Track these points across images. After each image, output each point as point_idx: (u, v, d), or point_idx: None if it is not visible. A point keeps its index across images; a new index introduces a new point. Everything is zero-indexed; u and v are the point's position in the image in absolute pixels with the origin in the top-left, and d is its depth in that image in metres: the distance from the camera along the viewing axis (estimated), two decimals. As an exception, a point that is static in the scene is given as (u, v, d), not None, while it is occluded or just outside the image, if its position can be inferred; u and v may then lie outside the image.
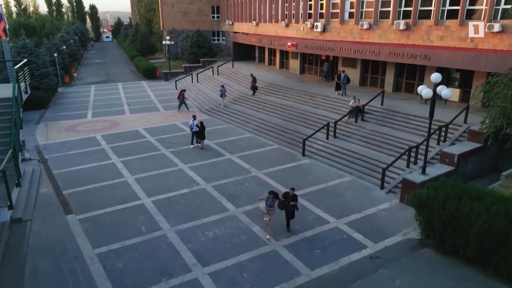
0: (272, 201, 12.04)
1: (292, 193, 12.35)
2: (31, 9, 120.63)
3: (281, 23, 35.67)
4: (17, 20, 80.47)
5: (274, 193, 12.11)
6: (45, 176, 17.74)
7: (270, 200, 12.03)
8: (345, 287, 10.21)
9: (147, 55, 61.76)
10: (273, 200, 12.05)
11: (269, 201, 12.04)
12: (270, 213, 12.22)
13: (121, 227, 13.21)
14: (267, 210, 12.14)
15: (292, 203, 12.22)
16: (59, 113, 30.23)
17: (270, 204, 12.07)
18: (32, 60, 30.62)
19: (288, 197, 12.27)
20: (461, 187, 11.18)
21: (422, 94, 13.61)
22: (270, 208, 12.12)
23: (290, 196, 12.26)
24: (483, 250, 10.19)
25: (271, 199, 12.03)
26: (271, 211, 12.21)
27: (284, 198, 12.28)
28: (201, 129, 20.59)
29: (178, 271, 10.90)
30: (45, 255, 11.70)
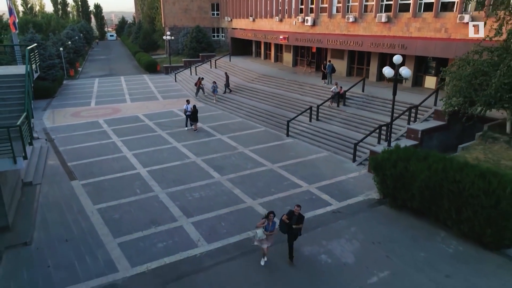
0: (273, 224, 10.01)
1: (298, 211, 10.14)
2: (37, 8, 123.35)
3: (275, 18, 37.45)
4: (24, 18, 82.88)
5: (274, 214, 10.08)
6: (52, 151, 19.65)
7: (271, 223, 9.97)
8: (307, 232, 11.96)
9: (149, 51, 63.75)
10: (274, 223, 10.04)
11: (269, 225, 9.97)
12: (270, 239, 10.20)
13: (119, 190, 15.06)
14: (266, 235, 10.02)
15: (297, 226, 10.16)
16: (64, 101, 32.22)
17: (271, 228, 9.98)
18: (39, 52, 32.54)
19: (293, 216, 10.12)
20: (410, 151, 12.92)
21: (385, 73, 15.33)
22: (271, 233, 10.05)
23: (295, 216, 10.10)
24: (424, 200, 11.93)
25: (271, 221, 9.96)
26: (271, 237, 10.21)
27: (289, 218, 10.15)
28: (194, 112, 22.42)
29: (166, 221, 12.73)
30: (53, 210, 13.57)
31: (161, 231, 12.12)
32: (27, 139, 11.16)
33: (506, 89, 14.85)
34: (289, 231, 10.25)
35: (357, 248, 11.21)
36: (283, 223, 10.21)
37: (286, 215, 10.25)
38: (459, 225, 11.23)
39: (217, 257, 10.88)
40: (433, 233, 11.83)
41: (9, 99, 12.88)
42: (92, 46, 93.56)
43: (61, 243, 11.53)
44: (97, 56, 71.73)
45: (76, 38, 62.73)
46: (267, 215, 9.99)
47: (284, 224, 10.21)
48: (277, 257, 10.71)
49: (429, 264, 10.41)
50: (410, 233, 11.87)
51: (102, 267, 10.37)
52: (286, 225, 10.17)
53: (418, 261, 10.53)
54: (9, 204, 12.38)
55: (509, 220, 10.09)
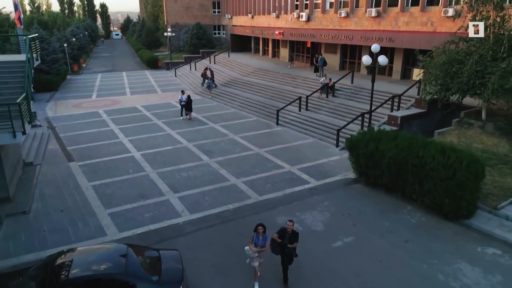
0: (263, 238, 8.67)
1: (290, 227, 8.71)
2: (44, 7, 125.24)
3: (272, 15, 38.36)
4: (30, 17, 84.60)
5: (264, 226, 8.71)
6: (53, 137, 20.76)
7: (261, 237, 8.65)
8: (284, 205, 12.93)
9: (152, 49, 64.96)
10: (264, 237, 8.68)
11: (259, 239, 8.64)
12: (261, 256, 8.87)
13: (113, 170, 16.11)
14: (257, 252, 8.65)
15: (291, 246, 8.69)
16: (67, 94, 33.44)
17: (261, 243, 8.64)
18: (43, 47, 33.81)
19: (285, 235, 8.69)
20: (382, 132, 13.84)
21: (364, 62, 16.25)
22: (262, 249, 8.67)
23: (288, 234, 8.69)
24: (392, 176, 12.83)
25: (261, 235, 8.63)
26: (263, 253, 8.83)
27: (281, 237, 8.67)
28: (188, 102, 23.44)
29: (154, 195, 13.75)
30: (51, 186, 14.65)
31: (148, 204, 13.13)
32: (26, 117, 12.20)
33: (478, 76, 15.71)
34: (282, 252, 8.80)
35: (327, 218, 12.14)
36: (274, 242, 8.72)
37: (277, 233, 8.74)
38: (422, 198, 12.13)
39: (198, 224, 11.87)
40: (401, 206, 12.73)
41: (11, 82, 13.95)
42: (97, 44, 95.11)
43: (57, 212, 12.59)
44: (101, 54, 73.13)
45: (81, 35, 64.11)
46: (255, 227, 8.67)
47: (276, 243, 8.70)
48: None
49: (392, 232, 11.32)
50: (379, 207, 12.77)
51: (92, 232, 11.40)
52: (277, 245, 8.67)
53: (382, 229, 11.44)
54: (10, 179, 13.47)
55: (464, 191, 10.97)
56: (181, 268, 8.19)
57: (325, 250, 10.52)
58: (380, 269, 9.69)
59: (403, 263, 9.90)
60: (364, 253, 10.35)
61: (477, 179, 11.07)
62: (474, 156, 11.35)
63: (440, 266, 9.73)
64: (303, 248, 10.47)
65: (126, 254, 7.95)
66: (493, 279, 9.22)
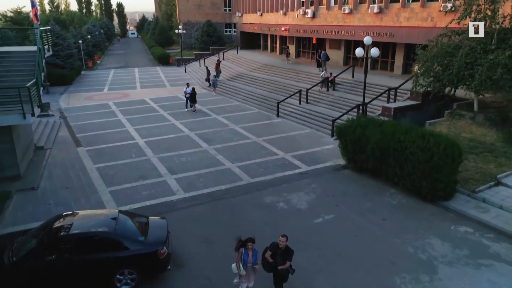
0: (254, 254, 7.61)
1: (283, 243, 7.62)
2: (63, 7, 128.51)
3: (279, 12, 39.09)
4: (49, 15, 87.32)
5: (253, 241, 7.58)
6: (64, 126, 21.97)
7: (250, 253, 7.56)
8: (273, 187, 13.69)
9: (165, 46, 66.31)
10: (254, 252, 7.63)
11: (249, 255, 7.55)
12: (251, 277, 7.81)
13: (117, 154, 17.13)
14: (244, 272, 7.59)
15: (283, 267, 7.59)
16: (80, 87, 34.86)
17: (253, 260, 7.59)
18: (58, 42, 35.32)
19: (277, 251, 7.62)
20: (369, 120, 14.46)
21: (357, 54, 16.86)
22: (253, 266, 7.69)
23: (281, 250, 7.62)
24: (376, 161, 13.45)
25: (251, 250, 7.55)
26: (253, 272, 7.78)
27: (273, 254, 7.62)
28: (192, 94, 24.39)
29: (153, 176, 14.68)
30: (58, 167, 15.74)
31: (147, 184, 14.07)
32: (35, 100, 13.27)
33: (468, 68, 16.17)
34: (274, 271, 7.79)
35: (312, 199, 12.85)
36: (265, 260, 7.73)
37: (269, 250, 7.68)
38: (403, 181, 12.72)
39: (190, 202, 12.74)
40: (384, 190, 13.33)
41: (24, 70, 15.08)
42: (113, 42, 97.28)
43: (62, 189, 13.64)
44: (116, 51, 74.98)
45: (96, 33, 65.93)
46: (243, 242, 7.56)
47: (266, 261, 7.74)
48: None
49: (371, 211, 11.96)
50: (363, 190, 13.41)
51: (93, 206, 12.36)
52: (269, 264, 7.70)
53: (363, 209, 12.09)
54: (21, 158, 14.59)
55: (440, 173, 11.53)
56: (166, 232, 9.04)
57: (306, 226, 11.24)
58: (354, 243, 10.36)
59: (377, 238, 10.55)
60: (342, 229, 11.04)
61: (453, 162, 11.61)
62: (451, 140, 11.90)
63: (412, 241, 10.35)
64: (286, 224, 11.28)
65: (117, 217, 8.85)
66: (460, 252, 9.80)
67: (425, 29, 22.90)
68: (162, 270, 8.74)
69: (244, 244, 7.58)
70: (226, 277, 8.53)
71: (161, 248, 8.50)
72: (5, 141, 13.60)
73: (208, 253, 9.98)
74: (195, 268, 9.33)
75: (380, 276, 8.97)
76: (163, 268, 8.71)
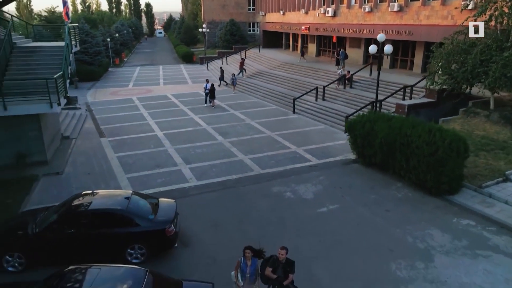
0: (253, 264, 7.05)
1: (283, 256, 6.92)
2: (94, 7, 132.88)
3: (301, 11, 39.38)
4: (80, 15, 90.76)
5: (253, 250, 7.06)
6: (90, 118, 23.18)
7: (249, 263, 7.03)
8: (282, 178, 14.17)
9: (190, 45, 67.77)
10: (254, 262, 7.07)
11: (247, 265, 7.02)
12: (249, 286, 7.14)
13: (136, 145, 18.03)
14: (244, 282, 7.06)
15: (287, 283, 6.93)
16: (107, 83, 36.35)
17: (251, 270, 7.02)
18: (87, 40, 36.95)
19: (278, 266, 6.91)
20: (379, 115, 14.70)
21: (370, 50, 17.09)
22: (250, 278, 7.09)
23: (282, 264, 6.91)
24: (384, 155, 13.69)
25: (250, 260, 7.02)
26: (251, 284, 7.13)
27: (273, 270, 6.90)
28: (211, 90, 25.15)
29: (168, 166, 15.45)
30: (82, 155, 16.78)
31: (162, 172, 14.85)
32: (61, 91, 14.26)
33: (483, 65, 16.12)
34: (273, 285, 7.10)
35: (319, 190, 13.24)
36: (262, 273, 7.07)
37: (269, 266, 6.93)
38: (409, 175, 12.93)
39: (202, 189, 13.41)
40: (391, 183, 13.56)
41: (52, 63, 16.15)
42: (140, 41, 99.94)
43: (84, 175, 14.60)
44: (143, 50, 77.12)
45: (124, 32, 68.07)
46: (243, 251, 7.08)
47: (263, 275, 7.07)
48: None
49: (376, 203, 12.25)
50: (370, 183, 13.68)
51: (111, 190, 13.22)
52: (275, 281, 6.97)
53: (367, 201, 12.39)
54: (48, 146, 15.67)
55: (444, 166, 11.69)
56: (174, 212, 9.70)
57: (310, 214, 11.66)
58: (355, 231, 10.72)
59: (378, 227, 10.86)
60: (345, 218, 11.41)
61: (458, 157, 11.74)
62: (457, 135, 12.03)
63: (412, 231, 10.60)
64: (291, 213, 11.76)
65: (129, 197, 9.59)
66: (458, 243, 10.00)
67: (445, 27, 22.71)
68: (170, 247, 9.40)
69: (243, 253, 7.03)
70: (229, 257, 9.09)
71: (169, 226, 9.16)
72: (34, 128, 14.69)
73: (214, 235, 10.57)
74: (200, 248, 9.95)
75: (376, 261, 9.31)
76: (170, 246, 9.37)
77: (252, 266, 7.05)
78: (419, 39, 24.35)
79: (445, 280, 8.62)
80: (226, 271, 8.17)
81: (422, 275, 8.82)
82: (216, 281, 7.79)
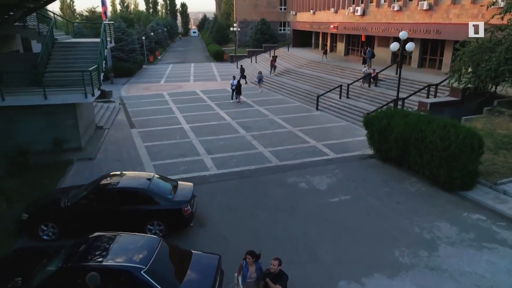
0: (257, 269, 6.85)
1: (275, 267, 6.51)
2: (132, 7, 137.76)
3: (331, 10, 39.51)
4: (118, 14, 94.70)
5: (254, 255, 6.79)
6: (122, 111, 24.58)
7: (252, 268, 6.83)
8: (298, 170, 14.68)
9: (222, 44, 69.19)
10: (258, 265, 6.87)
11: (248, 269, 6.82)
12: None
13: (163, 136, 19.09)
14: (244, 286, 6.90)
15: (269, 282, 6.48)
16: (140, 79, 38.09)
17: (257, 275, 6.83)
18: (123, 38, 38.80)
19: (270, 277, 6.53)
20: (396, 111, 14.90)
21: (391, 48, 17.26)
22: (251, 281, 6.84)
23: (273, 276, 6.52)
24: (399, 150, 13.90)
25: (252, 265, 6.82)
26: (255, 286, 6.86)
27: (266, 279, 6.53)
28: (238, 86, 25.96)
29: (191, 155, 16.34)
30: (113, 143, 18.01)
31: (185, 161, 15.75)
32: (95, 83, 15.46)
33: (508, 63, 15.93)
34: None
35: (333, 181, 13.66)
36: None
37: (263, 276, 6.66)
38: (423, 169, 13.10)
39: (221, 177, 14.17)
40: (405, 178, 13.76)
41: (88, 58, 17.46)
42: (175, 40, 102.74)
43: (114, 161, 15.75)
44: (176, 48, 79.43)
45: (160, 31, 70.41)
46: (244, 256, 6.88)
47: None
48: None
49: (388, 196, 12.53)
50: (384, 177, 13.94)
51: (137, 175, 14.23)
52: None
53: (380, 194, 12.69)
54: (83, 134, 16.96)
55: (457, 161, 11.81)
56: (191, 194, 10.48)
57: (322, 203, 12.12)
58: (364, 220, 11.08)
59: (386, 218, 11.18)
60: (355, 208, 11.78)
61: (471, 152, 11.81)
62: (472, 131, 12.09)
63: (420, 223, 10.84)
64: (303, 201, 12.28)
65: (151, 178, 10.46)
66: (465, 235, 10.16)
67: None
68: (186, 226, 10.18)
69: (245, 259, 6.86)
70: (239, 237, 9.77)
71: (185, 206, 9.94)
72: (70, 117, 15.98)
73: (228, 218, 11.26)
74: (214, 228, 10.67)
75: (380, 248, 9.68)
76: (186, 224, 10.15)
77: (257, 271, 6.83)
78: (447, 37, 24.05)
79: (446, 268, 8.87)
80: (234, 248, 8.89)
81: (424, 262, 9.11)
82: (224, 255, 8.46)
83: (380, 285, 8.43)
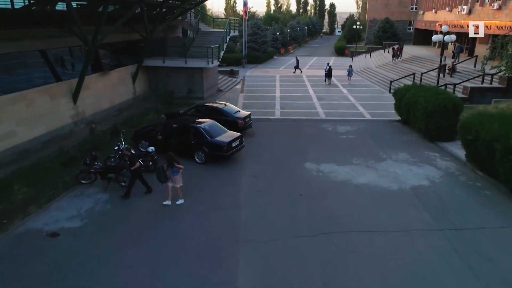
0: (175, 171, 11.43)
1: (127, 153, 11.99)
2: (284, 7, 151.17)
3: (446, 9, 41.44)
4: (271, 15, 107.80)
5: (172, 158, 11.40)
6: (240, 83, 33.62)
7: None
8: (334, 121, 20.73)
9: (352, 42, 74.05)
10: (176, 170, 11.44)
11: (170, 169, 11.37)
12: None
13: (259, 98, 27.10)
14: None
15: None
16: (266, 66, 47.21)
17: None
18: (258, 32, 48.44)
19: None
20: (422, 86, 19.33)
21: (433, 38, 21.42)
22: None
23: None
24: (406, 112, 18.69)
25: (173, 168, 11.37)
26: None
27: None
28: (329, 70, 32.23)
29: (270, 108, 23.86)
30: (225, 99, 26.78)
31: (263, 111, 23.29)
32: (216, 55, 24.31)
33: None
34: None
35: (353, 129, 19.31)
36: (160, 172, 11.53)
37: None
38: (417, 126, 17.78)
39: (279, 121, 21.29)
40: (408, 133, 18.48)
41: (216, 41, 26.58)
42: (315, 38, 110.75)
43: (220, 107, 24.46)
44: (312, 44, 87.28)
45: (298, 29, 79.26)
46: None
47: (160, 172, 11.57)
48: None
49: (383, 140, 17.69)
50: (392, 130, 18.95)
51: (230, 114, 22.52)
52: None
53: (378, 138, 17.89)
54: (206, 89, 26.21)
55: (431, 117, 16.37)
56: (246, 115, 18.09)
57: (334, 138, 18.19)
58: (351, 147, 16.71)
59: (369, 148, 16.61)
60: (353, 142, 17.46)
61: (444, 111, 16.15)
62: (452, 97, 16.39)
63: (388, 152, 15.93)
64: (321, 135, 18.58)
65: (226, 104, 18.47)
66: (410, 159, 15.03)
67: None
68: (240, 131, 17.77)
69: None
70: (270, 144, 16.85)
71: (241, 120, 17.63)
72: (199, 77, 25.32)
73: (269, 136, 18.40)
74: (258, 138, 18.02)
75: (346, 156, 15.47)
76: (240, 131, 17.72)
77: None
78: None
79: (377, 168, 14.26)
80: (263, 146, 16.15)
81: (365, 164, 14.68)
82: (254, 149, 15.77)
83: (330, 167, 14.50)
